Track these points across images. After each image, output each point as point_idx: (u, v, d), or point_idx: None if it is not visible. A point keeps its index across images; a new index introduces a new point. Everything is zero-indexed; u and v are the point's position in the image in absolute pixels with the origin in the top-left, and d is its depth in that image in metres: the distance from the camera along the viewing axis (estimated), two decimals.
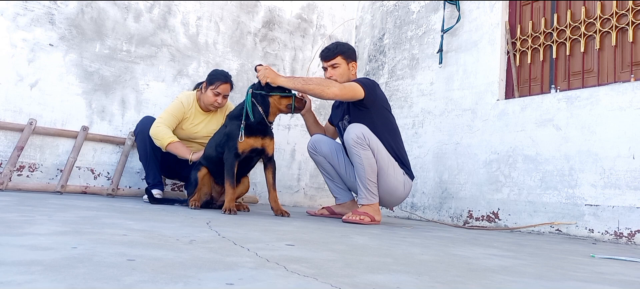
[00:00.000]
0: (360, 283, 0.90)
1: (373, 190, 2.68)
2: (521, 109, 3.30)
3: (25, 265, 0.81)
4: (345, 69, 2.89)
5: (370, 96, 2.75)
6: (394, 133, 2.88)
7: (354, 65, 2.94)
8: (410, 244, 1.72)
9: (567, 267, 1.41)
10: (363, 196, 2.68)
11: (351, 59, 2.93)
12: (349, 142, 2.64)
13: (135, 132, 3.25)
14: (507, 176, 3.30)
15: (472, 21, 3.77)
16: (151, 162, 3.16)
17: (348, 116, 2.87)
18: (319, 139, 2.99)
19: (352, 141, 2.62)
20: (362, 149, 2.63)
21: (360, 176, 2.67)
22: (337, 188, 3.04)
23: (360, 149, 2.63)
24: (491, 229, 3.12)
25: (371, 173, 2.66)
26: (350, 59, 2.92)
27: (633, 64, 2.93)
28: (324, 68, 2.94)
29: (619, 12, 2.99)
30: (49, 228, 1.29)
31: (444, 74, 3.91)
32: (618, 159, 2.73)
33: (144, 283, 0.75)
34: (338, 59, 2.88)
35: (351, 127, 2.67)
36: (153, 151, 3.13)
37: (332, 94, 2.64)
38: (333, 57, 2.88)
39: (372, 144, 2.66)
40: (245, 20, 4.29)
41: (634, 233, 2.61)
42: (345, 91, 2.67)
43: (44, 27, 3.29)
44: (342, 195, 3.04)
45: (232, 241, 1.34)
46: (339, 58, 2.88)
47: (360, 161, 2.64)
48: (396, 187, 2.77)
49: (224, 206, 2.52)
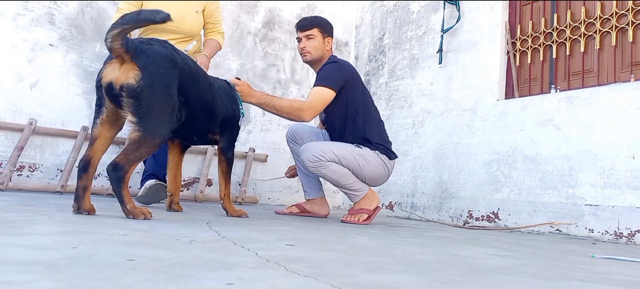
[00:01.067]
0: (360, 283, 0.90)
1: (356, 186, 2.62)
2: (521, 109, 3.30)
3: (26, 265, 0.81)
4: (320, 43, 2.74)
5: (340, 86, 2.62)
6: (364, 113, 2.70)
7: (329, 40, 2.79)
8: (410, 244, 1.72)
9: (567, 267, 1.41)
10: (353, 196, 2.66)
11: (328, 34, 2.79)
12: (307, 166, 2.54)
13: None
14: (507, 176, 3.30)
15: (472, 21, 3.77)
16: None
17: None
18: (299, 128, 2.89)
19: (310, 166, 2.52)
20: (323, 167, 2.53)
21: (339, 185, 2.61)
22: (308, 183, 2.91)
23: (321, 168, 2.53)
24: (491, 229, 3.12)
25: (346, 177, 2.58)
26: (327, 34, 2.78)
27: (633, 64, 2.93)
28: (298, 38, 2.78)
29: (619, 12, 3.00)
30: (49, 228, 1.29)
31: (444, 74, 3.92)
32: (618, 159, 2.73)
33: (144, 282, 0.75)
34: (314, 31, 2.73)
35: (302, 151, 2.57)
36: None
37: (302, 120, 2.50)
38: (309, 27, 2.74)
39: (328, 155, 2.52)
40: (245, 20, 4.29)
41: (634, 233, 2.62)
42: (317, 107, 2.53)
43: (44, 27, 3.29)
44: (312, 191, 2.92)
45: (232, 241, 1.35)
46: (315, 30, 2.74)
47: (331, 176, 2.55)
48: (375, 171, 2.65)
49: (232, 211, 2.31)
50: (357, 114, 2.67)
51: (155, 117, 1.72)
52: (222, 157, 2.29)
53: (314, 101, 2.54)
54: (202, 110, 2.05)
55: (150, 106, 1.70)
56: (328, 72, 2.63)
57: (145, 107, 1.68)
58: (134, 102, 1.67)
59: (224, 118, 2.22)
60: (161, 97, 1.74)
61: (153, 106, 1.70)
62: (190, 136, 2.24)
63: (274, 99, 2.50)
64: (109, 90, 1.70)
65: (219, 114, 2.17)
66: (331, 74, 2.62)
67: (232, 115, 2.27)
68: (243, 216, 2.30)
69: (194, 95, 1.96)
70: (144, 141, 1.71)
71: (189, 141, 2.35)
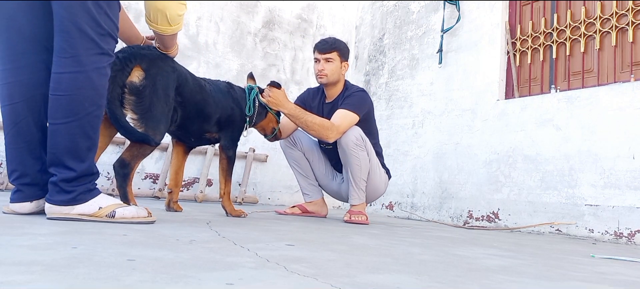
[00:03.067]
0: (360, 283, 0.90)
1: (364, 190, 2.73)
2: (521, 109, 3.30)
3: (25, 265, 0.81)
4: (337, 67, 2.81)
5: (363, 114, 2.74)
6: (375, 135, 2.91)
7: (346, 65, 2.88)
8: (410, 244, 1.72)
9: (567, 267, 1.41)
10: (355, 196, 2.71)
11: (345, 59, 2.87)
12: (348, 144, 2.62)
13: None
14: (507, 176, 3.30)
15: (472, 21, 3.77)
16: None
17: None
18: (299, 135, 2.94)
19: (352, 143, 2.62)
20: (361, 150, 2.64)
21: (356, 176, 2.68)
22: (309, 186, 2.99)
23: (359, 150, 2.64)
24: (491, 229, 3.11)
25: (365, 174, 2.70)
26: (344, 59, 2.86)
27: (633, 64, 2.93)
28: (317, 59, 2.84)
29: (619, 12, 3.00)
30: (49, 228, 1.29)
31: (444, 74, 3.92)
32: (618, 159, 2.73)
33: (144, 283, 0.75)
34: (334, 55, 2.80)
35: (349, 132, 2.65)
36: None
37: (329, 140, 2.61)
38: (330, 51, 2.80)
39: (367, 146, 2.69)
40: (245, 21, 4.29)
41: (634, 233, 2.61)
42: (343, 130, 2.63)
43: None
44: (313, 193, 2.99)
45: (232, 241, 1.35)
46: (335, 54, 2.80)
47: (357, 163, 2.64)
48: (379, 185, 2.86)
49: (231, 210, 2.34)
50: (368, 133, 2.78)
51: (154, 116, 1.80)
52: (223, 154, 2.31)
53: (342, 124, 2.63)
54: (194, 111, 2.11)
55: (152, 104, 1.79)
56: (357, 100, 2.74)
57: (147, 105, 1.77)
58: (135, 100, 1.75)
59: (220, 118, 2.25)
60: (161, 97, 1.83)
61: (154, 104, 1.79)
62: (186, 136, 2.28)
63: (306, 114, 2.58)
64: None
65: (211, 114, 2.20)
66: (359, 103, 2.73)
67: (230, 114, 2.29)
68: (242, 216, 2.31)
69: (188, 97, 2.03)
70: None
71: (187, 141, 2.38)
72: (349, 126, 2.65)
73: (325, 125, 2.59)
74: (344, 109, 2.68)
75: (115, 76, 1.70)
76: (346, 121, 2.64)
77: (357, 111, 2.69)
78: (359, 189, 2.70)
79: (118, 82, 1.73)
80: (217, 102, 2.22)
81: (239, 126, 2.36)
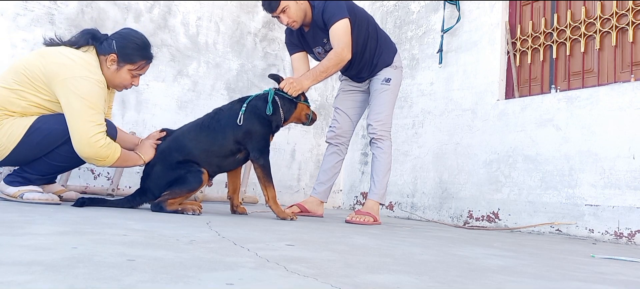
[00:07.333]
0: (360, 283, 0.90)
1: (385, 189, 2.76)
2: (521, 109, 3.30)
3: (25, 265, 0.81)
4: (295, 6, 2.60)
5: (347, 15, 2.62)
6: (380, 42, 2.83)
7: None
8: (410, 244, 1.72)
9: (567, 267, 1.41)
10: (375, 191, 2.73)
11: None
12: (375, 132, 2.65)
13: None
14: (507, 176, 3.30)
15: (472, 21, 3.77)
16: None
17: (327, 39, 2.68)
18: (344, 139, 2.96)
19: (379, 131, 2.65)
20: (388, 139, 2.70)
21: (381, 171, 2.71)
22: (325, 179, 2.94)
23: (386, 140, 2.69)
24: (491, 229, 3.12)
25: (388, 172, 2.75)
26: None
27: (633, 64, 2.93)
28: (275, 17, 2.66)
29: (619, 12, 2.99)
30: (49, 228, 1.29)
31: (444, 74, 3.92)
32: (618, 159, 2.73)
33: (144, 283, 0.75)
34: (283, 3, 2.59)
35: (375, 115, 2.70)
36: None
37: (347, 60, 2.60)
38: (277, 6, 2.59)
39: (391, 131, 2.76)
40: (245, 20, 4.29)
41: (634, 233, 2.62)
42: (346, 40, 2.58)
43: (44, 27, 3.29)
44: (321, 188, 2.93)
45: (232, 241, 1.35)
46: (283, 3, 2.59)
47: (384, 156, 2.68)
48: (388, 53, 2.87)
49: (278, 212, 2.41)
50: (374, 46, 2.78)
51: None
52: (255, 165, 2.43)
53: (341, 38, 2.58)
54: (205, 156, 2.35)
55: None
56: (333, 9, 2.62)
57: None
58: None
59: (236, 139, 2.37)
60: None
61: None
62: (222, 169, 2.48)
63: (318, 69, 2.57)
64: None
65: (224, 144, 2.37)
66: (337, 10, 2.62)
67: (248, 130, 2.38)
68: (288, 219, 2.38)
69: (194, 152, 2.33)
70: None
71: (228, 169, 2.54)
72: (346, 33, 2.59)
73: (334, 57, 2.56)
74: (331, 26, 2.59)
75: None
76: (341, 32, 2.58)
77: (342, 15, 2.59)
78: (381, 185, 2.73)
79: None
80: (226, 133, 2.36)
81: (260, 134, 2.42)
